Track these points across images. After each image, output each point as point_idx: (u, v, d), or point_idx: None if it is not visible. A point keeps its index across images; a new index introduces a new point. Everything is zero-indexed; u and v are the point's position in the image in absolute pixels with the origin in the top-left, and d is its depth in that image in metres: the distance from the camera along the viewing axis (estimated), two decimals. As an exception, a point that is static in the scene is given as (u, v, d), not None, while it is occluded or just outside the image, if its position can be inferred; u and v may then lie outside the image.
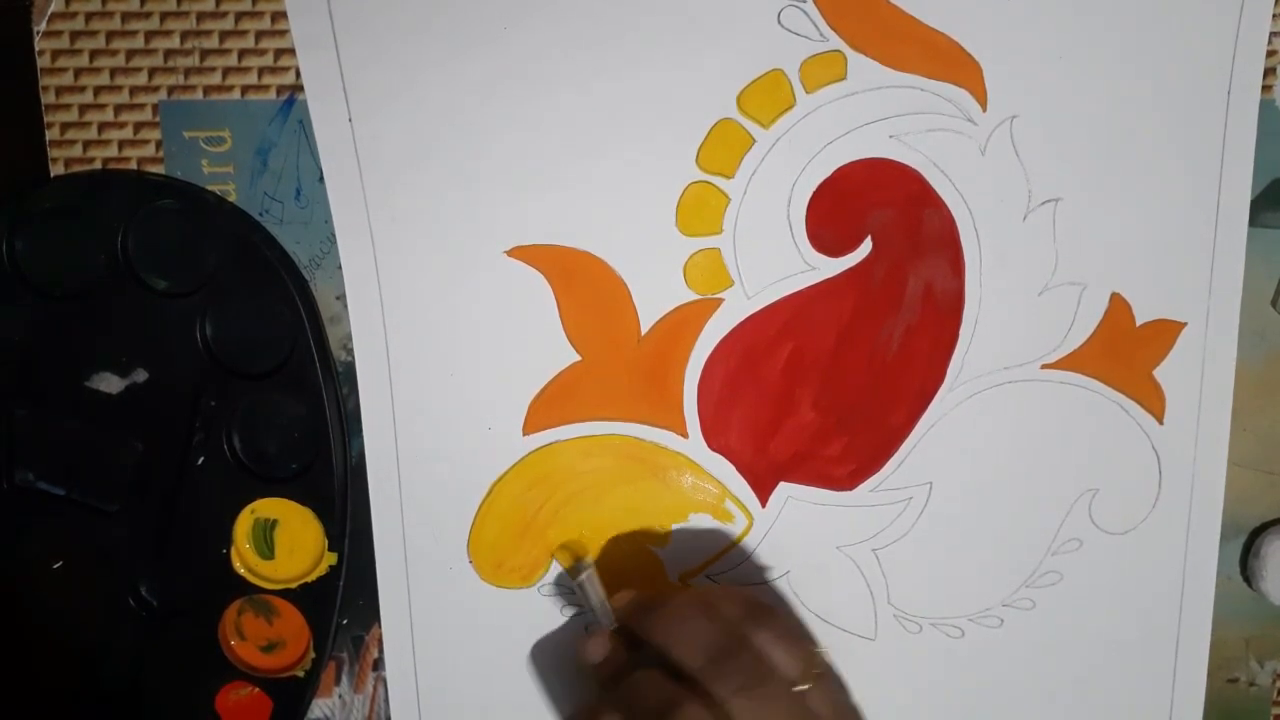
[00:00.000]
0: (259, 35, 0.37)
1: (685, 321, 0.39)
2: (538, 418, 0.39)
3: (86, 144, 0.38)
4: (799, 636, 0.35)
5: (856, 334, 0.39)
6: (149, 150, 0.38)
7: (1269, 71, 0.38)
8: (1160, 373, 0.40)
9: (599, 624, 0.38)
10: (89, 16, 0.37)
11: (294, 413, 0.39)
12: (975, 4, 0.37)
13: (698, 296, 0.39)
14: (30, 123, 0.38)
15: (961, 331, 0.39)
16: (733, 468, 0.40)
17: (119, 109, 0.38)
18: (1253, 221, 0.39)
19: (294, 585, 0.40)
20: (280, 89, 0.38)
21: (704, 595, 0.36)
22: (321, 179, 0.38)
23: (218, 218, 0.38)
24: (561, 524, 0.40)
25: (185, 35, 0.37)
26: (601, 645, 0.37)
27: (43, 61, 0.37)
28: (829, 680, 0.34)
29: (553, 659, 0.41)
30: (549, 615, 0.41)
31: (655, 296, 0.39)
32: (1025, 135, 0.38)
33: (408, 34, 0.37)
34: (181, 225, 0.38)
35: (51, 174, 0.38)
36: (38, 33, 0.37)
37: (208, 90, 0.38)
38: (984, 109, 0.38)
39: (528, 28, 0.37)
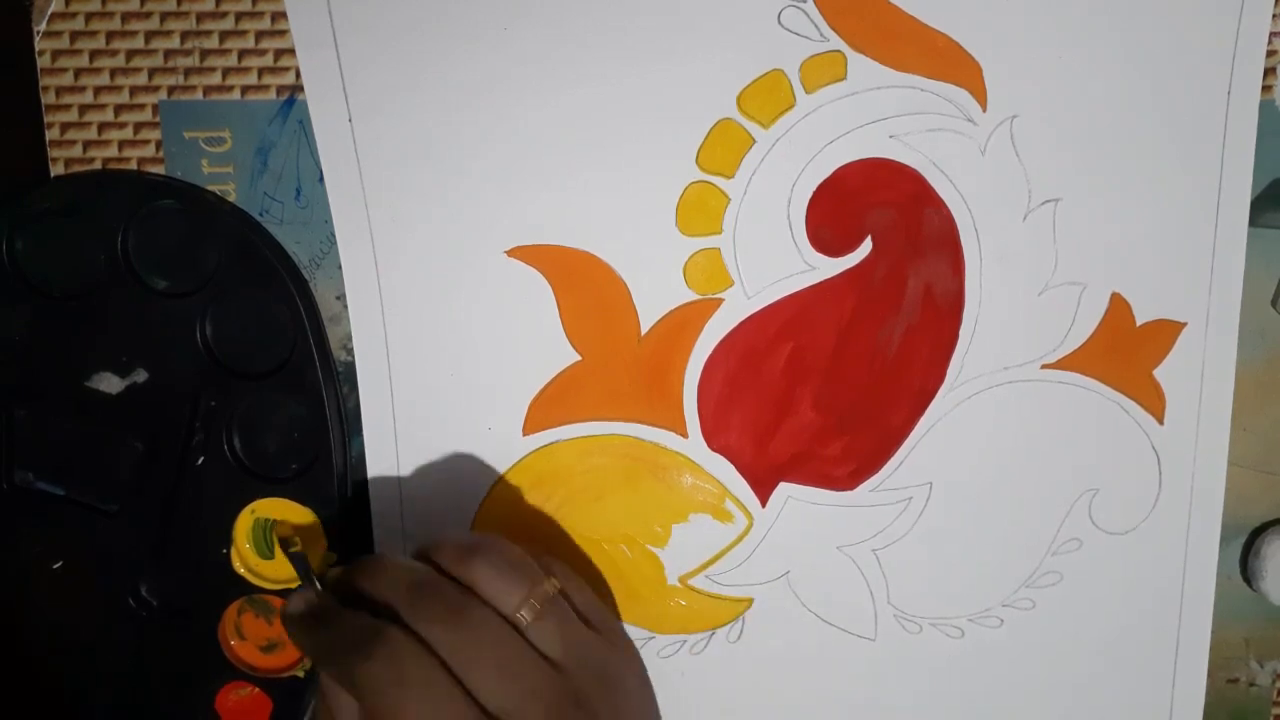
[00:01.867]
0: (259, 35, 0.37)
1: (685, 321, 0.39)
2: (538, 418, 0.39)
3: (86, 144, 0.38)
4: (516, 567, 0.32)
5: (856, 334, 0.39)
6: (149, 150, 0.38)
7: (1269, 72, 0.38)
8: (1160, 373, 0.40)
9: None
10: (89, 17, 0.37)
11: (294, 413, 0.39)
12: (975, 4, 0.37)
13: (698, 296, 0.39)
14: (30, 123, 0.38)
15: (961, 331, 0.39)
16: (733, 468, 0.40)
17: (119, 109, 0.38)
18: (1253, 221, 0.39)
19: (294, 585, 0.40)
20: (280, 89, 0.38)
21: (418, 549, 0.34)
22: (321, 179, 0.38)
23: (218, 218, 0.38)
24: (561, 524, 0.40)
25: (185, 35, 0.37)
26: (300, 598, 0.34)
27: (43, 61, 0.37)
28: (558, 613, 0.32)
29: (553, 659, 0.41)
30: (549, 615, 0.41)
31: (655, 296, 0.39)
32: (1025, 135, 0.38)
33: (408, 34, 0.37)
34: (181, 225, 0.38)
35: (51, 174, 0.38)
36: (38, 33, 0.37)
37: (208, 90, 0.38)
38: (984, 109, 0.38)
39: (528, 28, 0.37)
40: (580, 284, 0.39)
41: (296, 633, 0.34)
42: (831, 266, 0.39)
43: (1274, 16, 0.38)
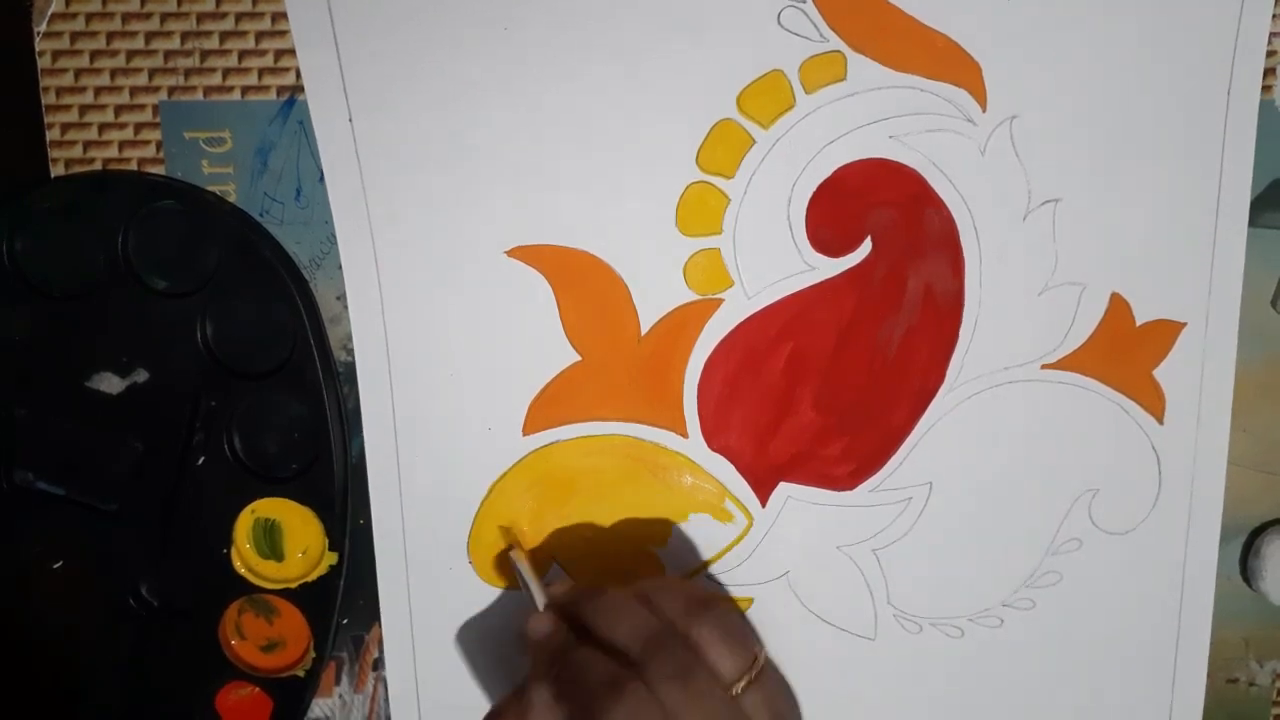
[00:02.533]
0: (259, 36, 0.37)
1: (685, 321, 0.39)
2: (538, 418, 0.39)
3: (87, 144, 0.38)
4: (738, 635, 0.34)
5: (856, 334, 0.39)
6: (149, 151, 0.38)
7: (1269, 71, 0.38)
8: (1160, 373, 0.40)
9: (535, 605, 0.37)
10: (89, 17, 0.37)
11: (294, 413, 0.39)
12: (975, 4, 0.37)
13: (698, 297, 0.39)
14: (30, 123, 0.38)
15: (961, 331, 0.39)
16: (733, 468, 0.40)
17: (119, 109, 0.38)
18: (1253, 221, 0.39)
19: (294, 585, 0.40)
20: (280, 89, 0.38)
21: (643, 587, 0.36)
22: (321, 179, 0.38)
23: (218, 218, 0.38)
24: (561, 524, 0.40)
25: (185, 36, 0.37)
26: (545, 622, 0.36)
27: (43, 62, 0.37)
28: (767, 683, 0.34)
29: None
30: (549, 615, 0.41)
31: (655, 296, 0.39)
32: (1025, 135, 0.38)
33: (408, 33, 0.37)
34: (182, 225, 0.38)
35: (52, 174, 0.38)
36: (38, 33, 0.37)
37: (208, 91, 0.38)
38: (984, 109, 0.38)
39: (528, 28, 0.37)
40: (580, 284, 0.39)
41: (537, 656, 0.36)
42: (831, 266, 0.39)
43: (1274, 16, 0.38)
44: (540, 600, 0.37)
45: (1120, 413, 0.40)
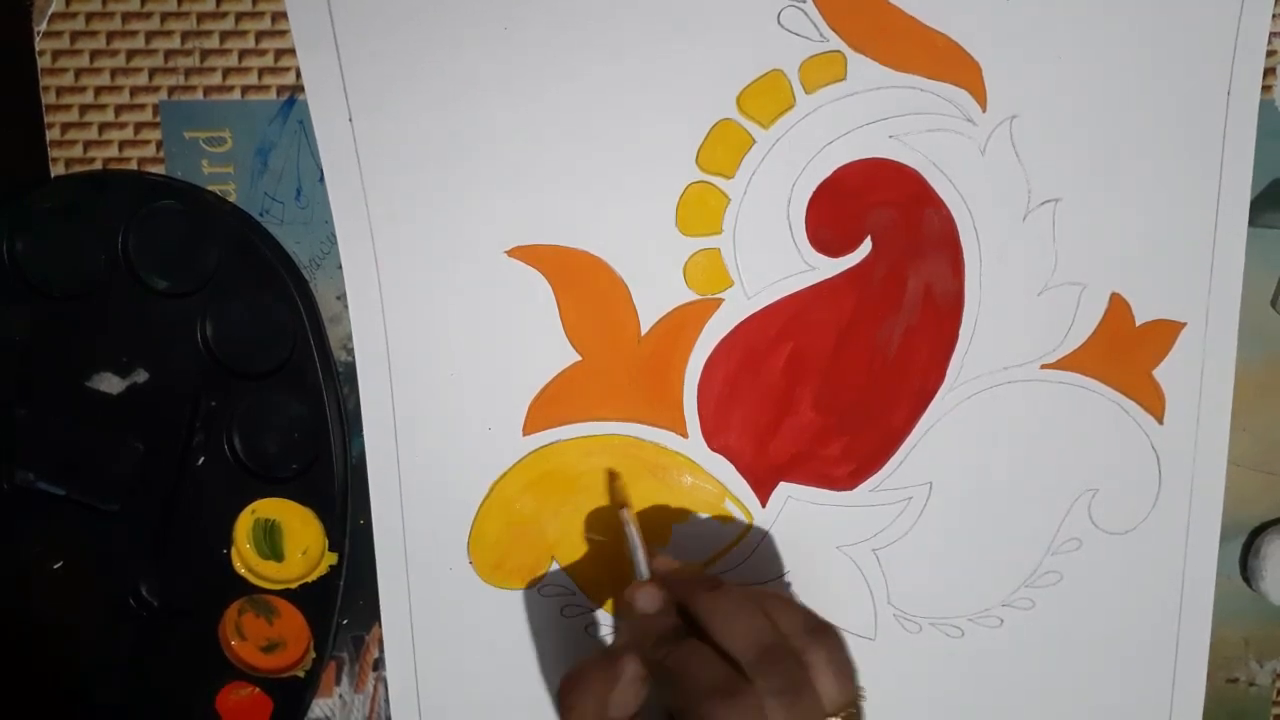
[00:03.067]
0: (259, 35, 0.37)
1: (685, 321, 0.39)
2: (538, 418, 0.39)
3: (87, 144, 0.38)
4: (848, 669, 0.33)
5: (856, 334, 0.39)
6: (149, 150, 0.38)
7: (1269, 71, 0.38)
8: (1160, 373, 0.40)
9: (638, 575, 0.37)
10: (89, 17, 0.37)
11: (294, 413, 0.39)
12: (975, 4, 0.37)
13: (698, 296, 0.39)
14: (31, 123, 0.38)
15: (961, 331, 0.39)
16: (733, 468, 0.40)
17: (119, 109, 0.38)
18: (1253, 221, 0.39)
19: (294, 585, 0.40)
20: (280, 89, 0.38)
21: (760, 595, 0.35)
22: (321, 179, 0.38)
23: (218, 218, 0.38)
24: (561, 524, 0.40)
25: (185, 35, 0.37)
26: (655, 598, 0.35)
27: (43, 62, 0.37)
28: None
29: (553, 659, 0.41)
30: (549, 615, 0.41)
31: (655, 296, 0.39)
32: (1025, 135, 0.38)
33: (408, 34, 0.37)
34: (182, 225, 0.38)
35: (52, 174, 0.38)
36: (38, 33, 0.37)
37: (208, 90, 0.38)
38: (984, 109, 0.38)
39: (528, 28, 0.37)
40: (580, 284, 0.39)
41: (637, 630, 0.35)
42: (831, 266, 0.39)
43: (1274, 16, 0.38)
44: (644, 570, 0.36)
45: (1120, 413, 0.40)
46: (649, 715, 0.34)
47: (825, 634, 0.33)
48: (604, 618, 0.41)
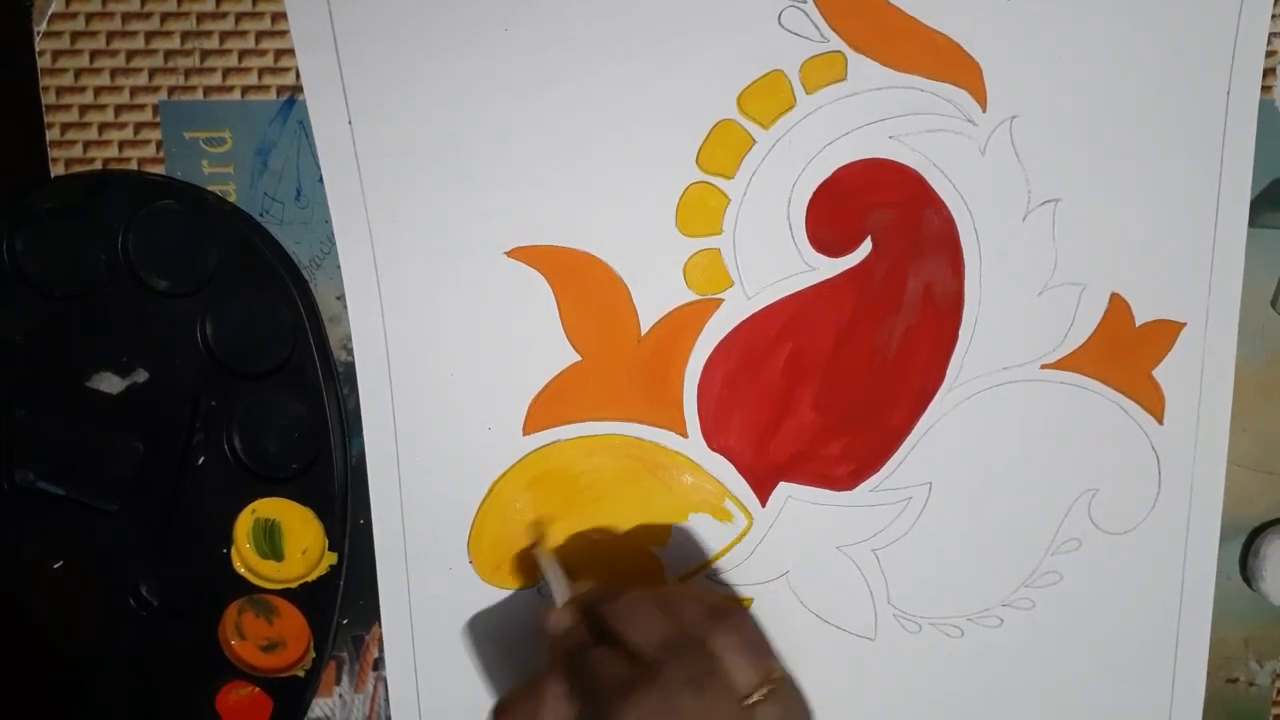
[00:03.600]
0: (259, 36, 0.37)
1: (685, 322, 0.39)
2: (538, 418, 0.39)
3: (87, 144, 0.38)
4: (757, 648, 0.34)
5: (856, 334, 0.39)
6: (149, 150, 0.38)
7: (1269, 71, 0.38)
8: (1160, 373, 0.40)
9: (556, 602, 0.38)
10: (89, 17, 0.37)
11: (294, 413, 0.39)
12: (975, 4, 0.37)
13: (698, 297, 0.39)
14: (31, 123, 0.38)
15: (961, 331, 0.39)
16: (733, 468, 0.40)
17: (119, 109, 0.38)
18: (1253, 221, 0.39)
19: (294, 585, 0.40)
20: (280, 89, 0.38)
21: (665, 592, 0.36)
22: (322, 179, 0.38)
23: (218, 218, 0.38)
24: (561, 524, 0.40)
25: (185, 36, 0.37)
26: (564, 618, 0.37)
27: (43, 62, 0.37)
28: (782, 696, 0.34)
29: (553, 659, 0.41)
30: (549, 615, 0.41)
31: (655, 297, 0.39)
32: (1025, 135, 0.38)
33: (408, 35, 0.37)
34: (182, 225, 0.38)
35: (52, 174, 0.38)
36: (38, 33, 0.37)
37: (208, 91, 0.38)
38: (984, 109, 0.38)
39: (528, 29, 0.37)
40: (580, 284, 0.39)
41: (553, 651, 0.36)
42: (831, 267, 0.39)
43: (1274, 16, 0.38)
44: (562, 597, 0.37)
45: (1120, 413, 0.40)
46: None
47: (727, 618, 0.34)
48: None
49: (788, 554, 0.41)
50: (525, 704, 0.34)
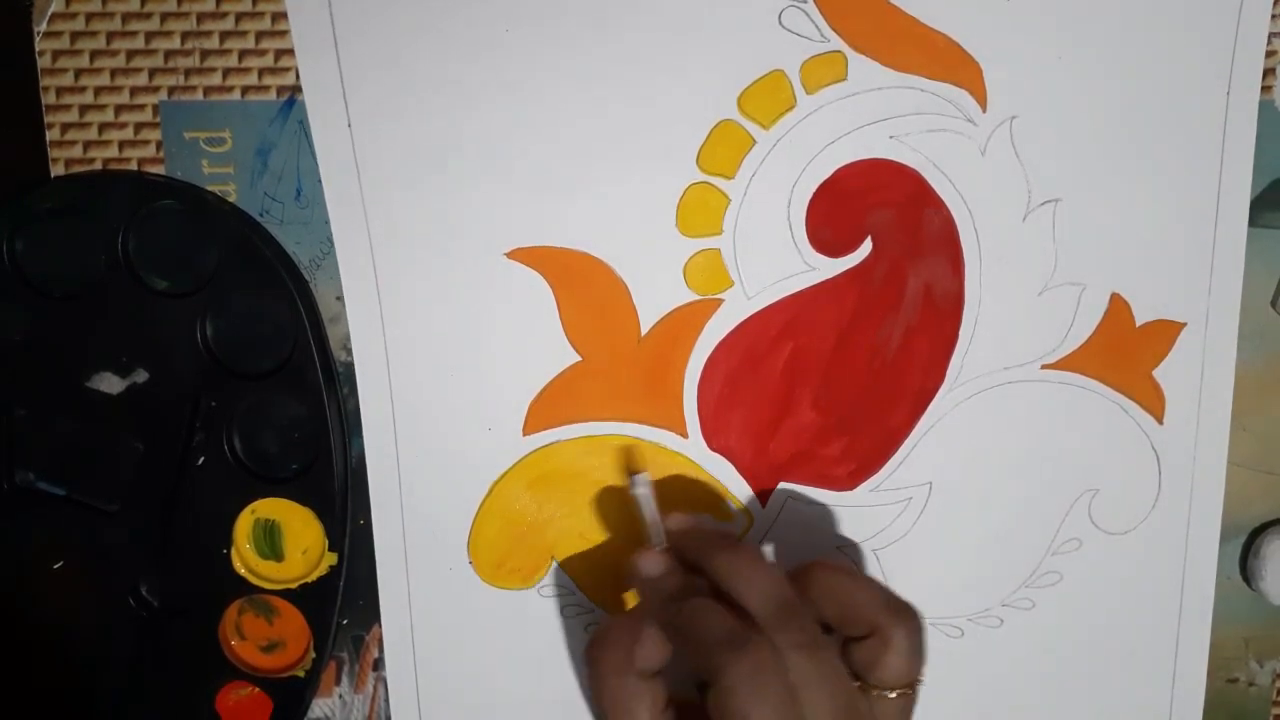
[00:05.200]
0: (259, 36, 0.37)
1: (685, 322, 0.39)
2: (538, 418, 0.39)
3: (87, 144, 0.38)
4: (920, 653, 0.34)
5: (856, 334, 0.39)
6: (149, 150, 0.38)
7: (1269, 72, 0.38)
8: (1160, 373, 0.40)
9: (649, 541, 0.37)
10: (89, 17, 0.37)
11: (294, 413, 0.39)
12: (975, 4, 0.37)
13: (698, 297, 0.39)
14: (31, 123, 0.38)
15: (961, 331, 0.39)
16: (733, 468, 0.40)
17: (119, 109, 0.38)
18: (1253, 221, 0.39)
19: (294, 585, 0.40)
20: (280, 90, 0.38)
21: (841, 570, 0.35)
22: (321, 180, 0.38)
23: (218, 218, 0.38)
24: (561, 524, 0.40)
25: (185, 36, 0.37)
26: (658, 560, 0.36)
27: (43, 62, 0.37)
28: (910, 703, 0.34)
29: (553, 659, 0.41)
30: (549, 615, 0.41)
31: (655, 297, 0.39)
32: (1025, 135, 0.38)
33: (408, 36, 0.37)
34: (182, 225, 0.38)
35: (52, 174, 0.38)
36: (38, 33, 0.37)
37: (208, 91, 0.38)
38: (984, 109, 0.38)
39: (528, 29, 0.37)
40: (580, 284, 0.39)
41: (647, 591, 0.35)
42: (831, 267, 0.39)
43: (1274, 16, 0.38)
44: (659, 539, 0.37)
45: (1120, 413, 0.40)
46: (678, 676, 0.34)
47: (906, 614, 0.34)
48: (604, 618, 0.41)
49: (788, 554, 0.41)
50: (622, 635, 0.33)
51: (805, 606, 0.34)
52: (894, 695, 0.33)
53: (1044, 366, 0.40)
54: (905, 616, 0.34)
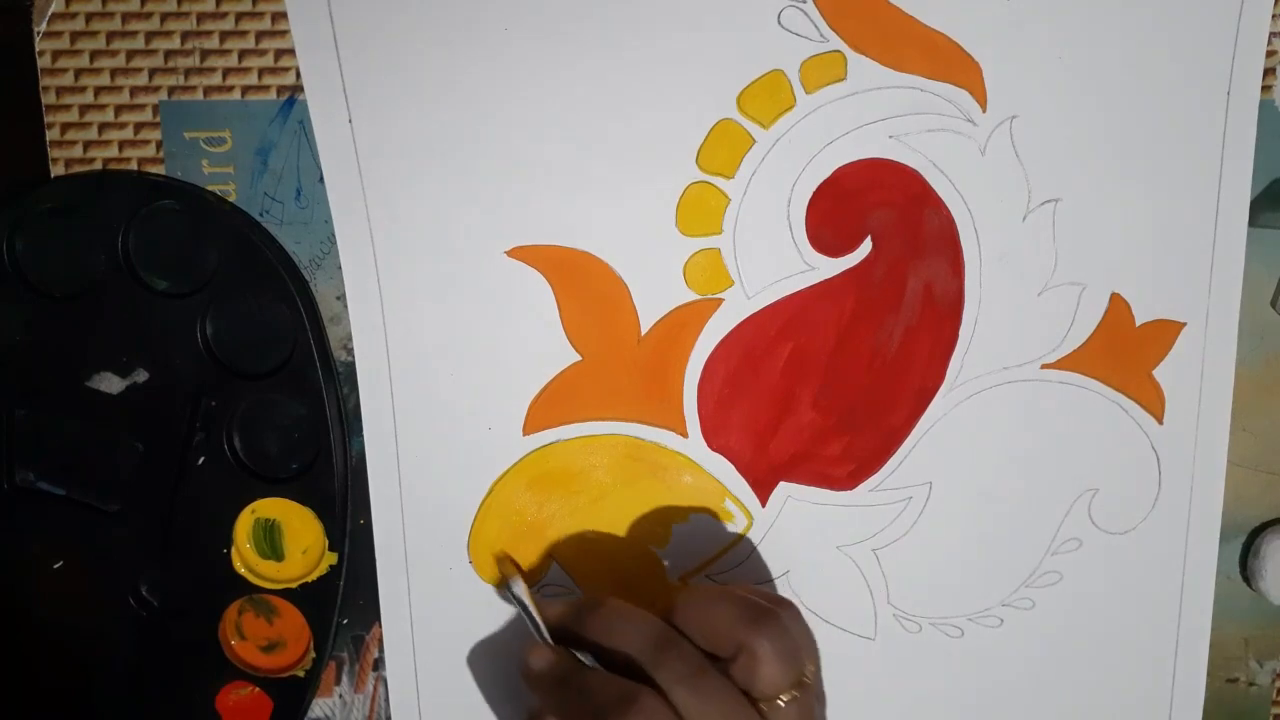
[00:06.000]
0: (259, 36, 0.37)
1: (685, 321, 0.39)
2: (538, 418, 0.39)
3: (87, 144, 0.38)
4: (793, 653, 0.33)
5: (856, 334, 0.39)
6: (149, 150, 0.38)
7: (1269, 71, 0.38)
8: (1160, 373, 0.40)
9: (535, 638, 0.37)
10: (89, 17, 0.37)
11: (294, 413, 0.39)
12: (975, 4, 0.37)
13: (698, 296, 0.39)
14: (31, 123, 0.38)
15: (961, 331, 0.39)
16: (733, 468, 0.40)
17: (119, 109, 0.38)
18: (1253, 221, 0.39)
19: (294, 585, 0.40)
20: (280, 89, 0.38)
21: (700, 594, 0.35)
22: (321, 179, 0.38)
23: (218, 218, 0.38)
24: (561, 524, 0.40)
25: (185, 36, 0.37)
26: (545, 654, 0.36)
27: (43, 62, 0.37)
28: (805, 698, 0.33)
29: (553, 659, 0.41)
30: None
31: (655, 296, 0.39)
32: (1025, 135, 0.38)
33: (408, 35, 0.37)
34: (182, 225, 0.38)
35: (52, 174, 0.38)
36: (38, 33, 0.37)
37: (208, 91, 0.38)
38: (984, 109, 0.38)
39: (528, 28, 0.37)
40: (580, 284, 0.39)
41: (540, 690, 0.35)
42: (831, 266, 0.39)
43: (1274, 16, 0.38)
44: (542, 634, 0.37)
45: (1120, 413, 0.40)
46: None
47: (765, 622, 0.33)
48: None
49: (788, 554, 0.41)
50: None
51: (680, 638, 0.33)
52: (785, 701, 0.33)
53: (1044, 366, 0.40)
54: (764, 624, 0.33)
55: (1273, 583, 0.41)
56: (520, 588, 0.38)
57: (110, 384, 0.39)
